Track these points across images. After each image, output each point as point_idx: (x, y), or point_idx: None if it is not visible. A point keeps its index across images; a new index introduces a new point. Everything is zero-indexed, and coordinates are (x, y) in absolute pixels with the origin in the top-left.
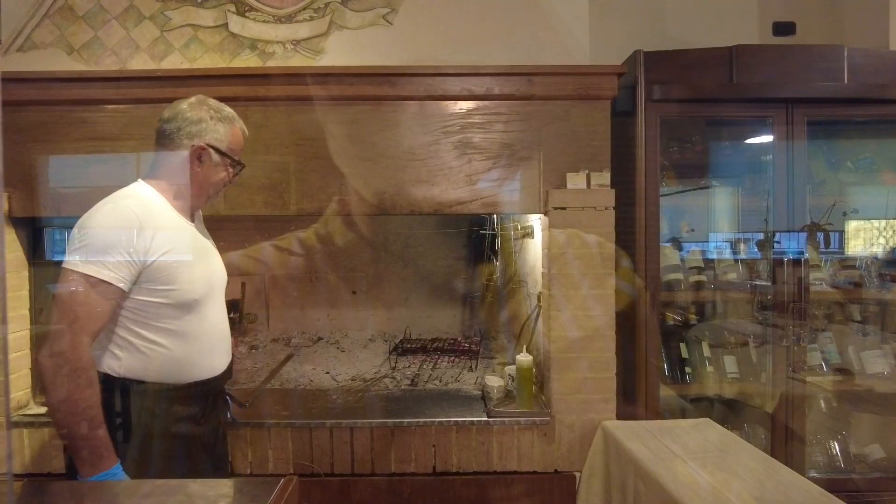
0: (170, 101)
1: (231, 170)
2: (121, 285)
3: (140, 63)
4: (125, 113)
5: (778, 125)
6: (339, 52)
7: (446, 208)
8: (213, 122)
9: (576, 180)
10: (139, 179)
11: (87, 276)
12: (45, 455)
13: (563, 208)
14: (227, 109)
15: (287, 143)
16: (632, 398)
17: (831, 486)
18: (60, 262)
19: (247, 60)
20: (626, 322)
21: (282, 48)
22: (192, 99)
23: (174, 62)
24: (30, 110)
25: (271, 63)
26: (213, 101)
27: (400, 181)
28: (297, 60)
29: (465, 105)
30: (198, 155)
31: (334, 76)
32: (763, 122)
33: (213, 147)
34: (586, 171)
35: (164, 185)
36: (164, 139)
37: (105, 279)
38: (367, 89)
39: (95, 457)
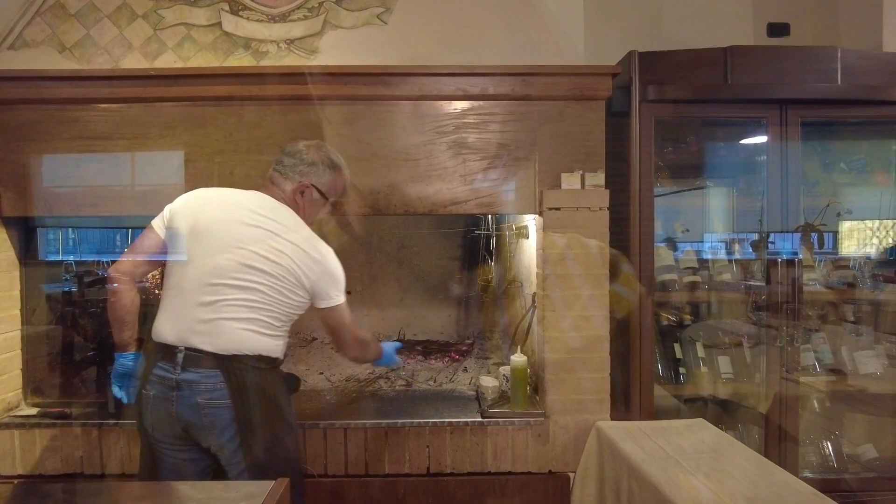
0: (163, 100)
1: (325, 208)
2: (159, 231)
3: (133, 62)
4: (118, 112)
5: (772, 126)
6: (334, 51)
7: (441, 208)
8: (322, 168)
9: (570, 181)
10: (255, 191)
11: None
12: (36, 456)
13: (558, 209)
14: (338, 159)
15: (281, 142)
16: (626, 399)
17: (824, 485)
18: (53, 262)
19: (240, 59)
20: (621, 322)
21: (275, 47)
22: (312, 143)
23: (167, 61)
24: (21, 109)
25: (265, 62)
26: (329, 150)
27: (394, 181)
28: (291, 60)
29: (459, 105)
30: (301, 190)
31: (328, 76)
32: (757, 123)
33: (316, 188)
34: (581, 172)
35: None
36: (279, 168)
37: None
38: (362, 89)
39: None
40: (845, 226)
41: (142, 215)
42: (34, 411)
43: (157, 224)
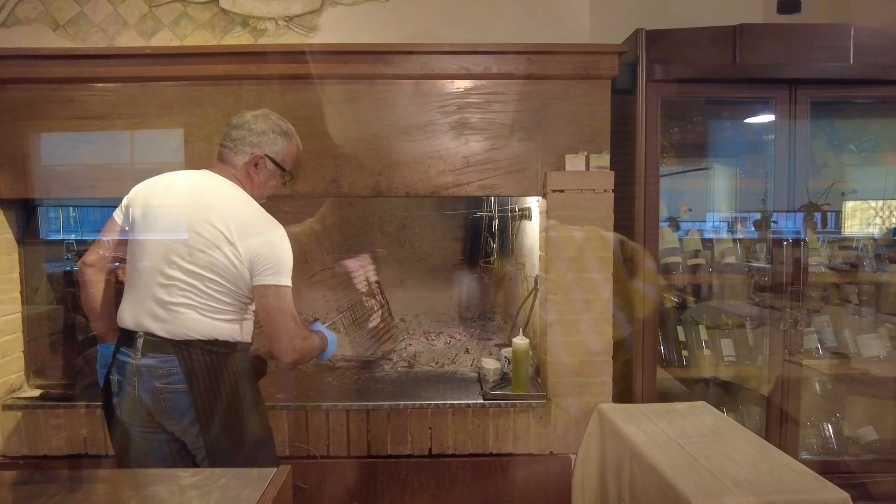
0: (160, 79)
1: (281, 178)
2: (118, 222)
3: (128, 40)
4: (114, 92)
5: (780, 106)
6: (333, 28)
7: (443, 190)
8: (273, 135)
9: (574, 162)
10: (204, 170)
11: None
12: (39, 437)
13: (562, 191)
14: (287, 125)
15: None
16: (628, 381)
17: (824, 467)
18: (54, 242)
19: (238, 37)
20: (624, 305)
21: (274, 25)
22: (259, 112)
23: (163, 39)
24: (15, 88)
25: (263, 40)
26: (275, 117)
27: (395, 162)
28: (290, 37)
29: (462, 84)
30: (255, 162)
31: (328, 54)
32: (765, 103)
33: (269, 157)
34: (585, 153)
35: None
36: (228, 143)
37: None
38: (362, 67)
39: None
40: (849, 205)
41: None
42: (37, 393)
43: (117, 214)
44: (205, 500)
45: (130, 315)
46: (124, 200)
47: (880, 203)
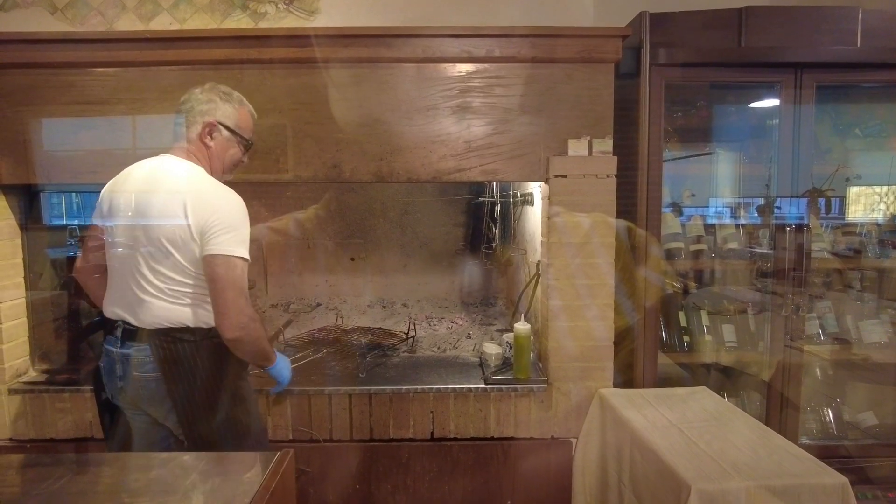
0: (160, 64)
1: (242, 147)
2: (96, 222)
3: (127, 23)
4: (114, 76)
5: (786, 90)
6: (334, 11)
7: (445, 175)
8: (221, 102)
9: (577, 147)
10: (163, 154)
11: None
12: (45, 421)
13: (564, 176)
14: (236, 93)
15: (281, 107)
16: (629, 366)
17: (824, 452)
18: (57, 227)
19: (238, 21)
20: (629, 291)
21: (274, 8)
22: (205, 85)
23: (163, 23)
24: (14, 73)
25: (263, 24)
26: (222, 87)
27: (397, 147)
28: (291, 21)
29: (464, 68)
30: (209, 131)
31: (329, 37)
32: (770, 87)
33: (222, 124)
34: (588, 138)
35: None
36: (179, 119)
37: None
38: (363, 51)
39: None
40: (853, 191)
41: None
42: (42, 377)
43: (95, 215)
44: (208, 483)
45: (110, 306)
46: (97, 203)
47: (885, 189)
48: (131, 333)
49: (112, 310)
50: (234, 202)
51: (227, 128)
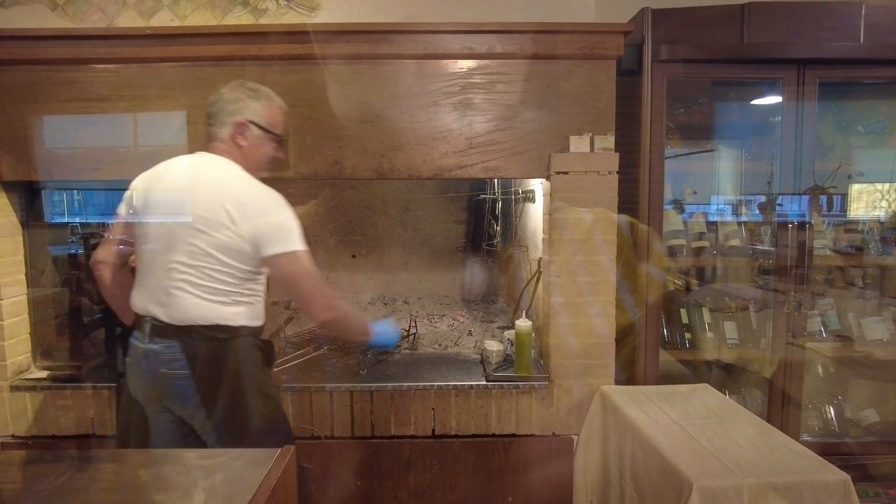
0: (161, 60)
1: (275, 143)
2: (123, 214)
3: (128, 20)
4: (114, 73)
5: (788, 86)
6: (335, 8)
7: (446, 172)
8: (249, 100)
9: (579, 144)
10: (199, 152)
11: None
12: (47, 418)
13: (566, 172)
14: (263, 88)
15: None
16: (631, 363)
17: (825, 449)
18: (59, 225)
19: (239, 18)
20: (632, 288)
21: (275, 4)
22: (232, 83)
23: (163, 19)
24: (15, 70)
25: (264, 20)
26: (250, 83)
27: (398, 144)
28: (291, 17)
29: (465, 64)
30: (240, 130)
31: (329, 33)
32: (773, 84)
33: (252, 122)
34: (590, 135)
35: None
36: (210, 120)
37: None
38: (364, 47)
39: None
40: (855, 188)
41: None
42: (44, 374)
43: (121, 207)
44: (210, 480)
45: (139, 300)
46: (126, 195)
47: (887, 186)
48: (161, 329)
49: (142, 305)
50: (276, 199)
51: (257, 125)
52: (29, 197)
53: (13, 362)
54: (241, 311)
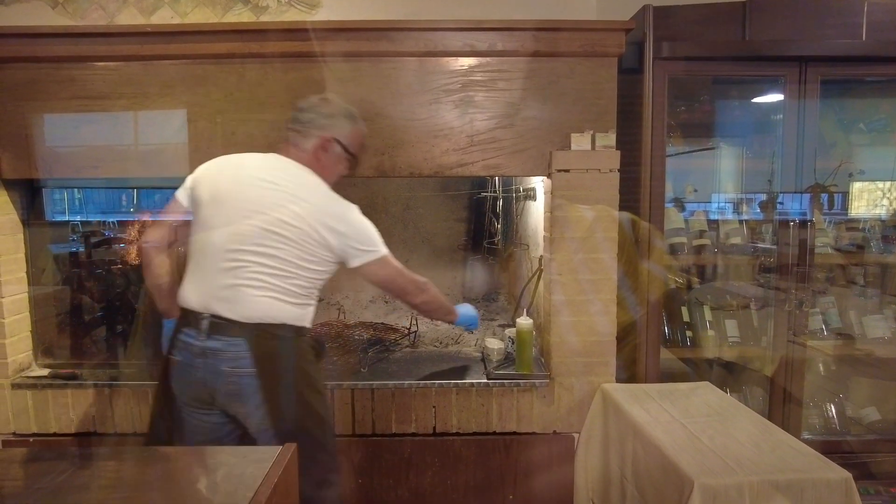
0: (161, 58)
1: (349, 163)
2: (181, 200)
3: (128, 17)
4: (115, 71)
5: (790, 84)
6: (336, 5)
7: (447, 170)
8: (341, 119)
9: (580, 141)
10: (275, 154)
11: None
12: (48, 416)
13: (567, 170)
14: (352, 109)
15: (283, 102)
16: (632, 361)
17: (826, 447)
18: (60, 223)
19: (239, 15)
20: (633, 286)
21: (276, 2)
22: (326, 95)
23: (164, 17)
24: (15, 67)
25: (265, 18)
26: (343, 103)
27: (399, 142)
28: (292, 15)
29: (466, 62)
30: (324, 146)
31: (330, 31)
32: (774, 82)
33: (338, 141)
34: (591, 132)
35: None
36: (298, 126)
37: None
38: (365, 45)
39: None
40: (856, 186)
41: (143, 176)
42: (45, 372)
43: (180, 193)
44: (210, 478)
45: (196, 296)
46: (188, 181)
47: (889, 184)
48: (222, 327)
49: (199, 300)
50: (358, 213)
51: (341, 145)
52: (30, 195)
53: (14, 360)
54: (306, 312)
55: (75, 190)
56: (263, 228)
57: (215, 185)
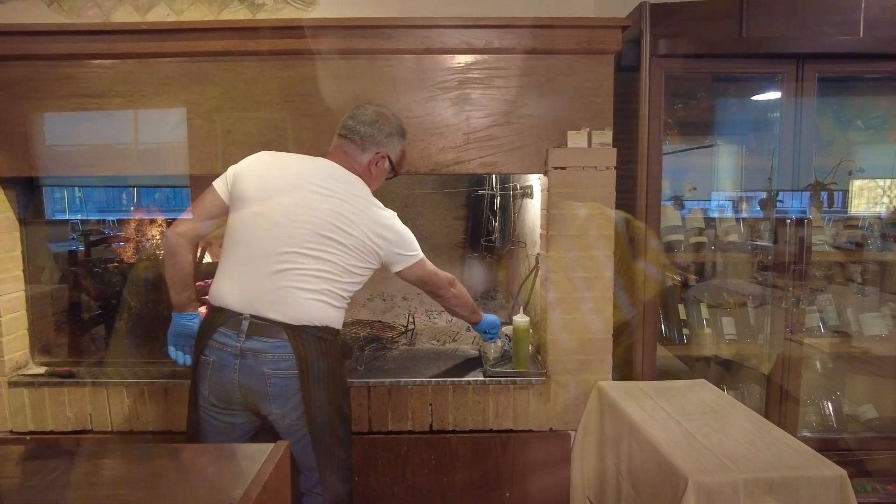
0: (158, 56)
1: (387, 177)
2: (220, 194)
3: (124, 15)
4: (111, 69)
5: (787, 82)
6: (332, 2)
7: (444, 168)
8: (397, 138)
9: (577, 139)
10: (327, 160)
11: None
12: (45, 414)
13: (563, 168)
14: (404, 127)
15: (279, 99)
16: (628, 359)
17: (823, 445)
18: (59, 221)
19: (236, 12)
20: (628, 285)
21: None
22: (383, 110)
23: (160, 14)
24: (11, 66)
25: (261, 15)
26: (400, 121)
27: None
28: (289, 12)
29: (463, 59)
30: (377, 161)
31: (327, 28)
32: (772, 79)
33: (389, 158)
34: (588, 130)
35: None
36: (356, 138)
37: (214, 187)
38: (361, 42)
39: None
40: (856, 184)
41: (140, 175)
42: (42, 370)
43: (220, 186)
44: (202, 474)
45: (237, 295)
46: (230, 174)
47: (888, 182)
48: (264, 328)
49: (238, 300)
50: (400, 222)
51: (391, 162)
52: (28, 193)
53: (11, 358)
54: (341, 315)
55: (75, 188)
56: (319, 233)
57: (262, 182)
